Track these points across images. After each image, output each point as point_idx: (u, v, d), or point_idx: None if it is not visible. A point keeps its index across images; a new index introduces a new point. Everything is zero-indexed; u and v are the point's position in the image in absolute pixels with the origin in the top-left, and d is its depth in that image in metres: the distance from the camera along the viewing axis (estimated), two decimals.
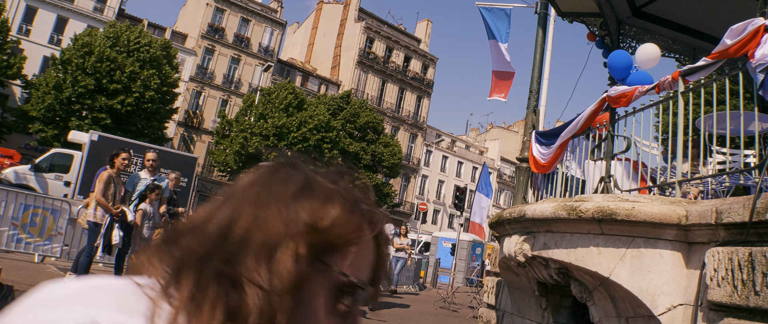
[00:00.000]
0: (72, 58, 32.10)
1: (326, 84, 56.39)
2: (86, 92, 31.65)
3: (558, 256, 5.02)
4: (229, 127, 40.39)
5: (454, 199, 25.18)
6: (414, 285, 21.10)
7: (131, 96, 32.65)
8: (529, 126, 7.89)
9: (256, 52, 50.97)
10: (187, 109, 46.99)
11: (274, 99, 39.15)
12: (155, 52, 34.60)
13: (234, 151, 38.18)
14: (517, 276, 6.51)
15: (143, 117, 34.14)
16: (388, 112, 57.49)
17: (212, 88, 48.39)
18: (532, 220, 5.40)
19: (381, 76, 58.12)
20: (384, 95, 58.34)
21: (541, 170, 7.04)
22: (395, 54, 59.71)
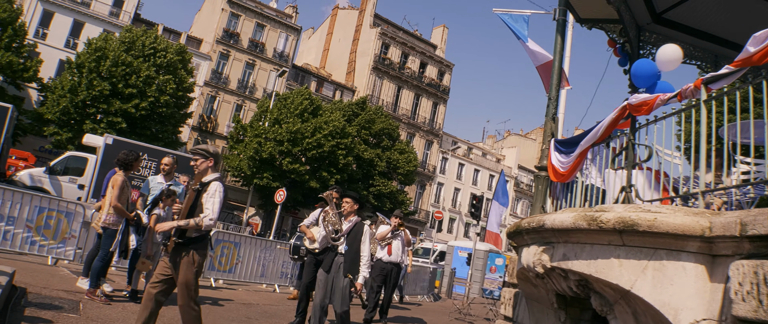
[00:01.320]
0: (85, 62, 32.43)
1: (341, 90, 56.54)
2: (101, 96, 31.96)
3: (578, 267, 4.98)
4: (244, 132, 40.58)
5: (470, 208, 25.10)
6: (428, 295, 21.04)
7: (146, 100, 32.93)
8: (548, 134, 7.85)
9: (271, 57, 51.22)
10: (202, 113, 47.29)
11: (289, 104, 39.31)
12: (170, 56, 34.90)
13: (248, 156, 38.35)
14: (535, 287, 6.46)
15: (158, 121, 34.42)
16: (403, 119, 57.50)
17: (227, 92, 48.68)
18: (551, 230, 5.36)
19: (396, 82, 58.17)
20: (399, 101, 58.38)
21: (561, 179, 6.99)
22: (411, 60, 59.76)
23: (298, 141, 37.86)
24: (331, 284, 7.08)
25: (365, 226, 7.31)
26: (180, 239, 5.66)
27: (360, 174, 43.77)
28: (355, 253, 7.10)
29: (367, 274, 7.03)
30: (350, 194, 7.51)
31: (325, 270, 7.17)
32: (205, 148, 5.96)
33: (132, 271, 8.74)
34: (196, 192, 5.79)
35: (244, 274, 13.52)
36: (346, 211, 7.40)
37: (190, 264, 5.61)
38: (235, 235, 13.91)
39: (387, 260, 10.96)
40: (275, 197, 27.05)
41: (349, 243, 7.18)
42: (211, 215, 5.60)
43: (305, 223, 9.38)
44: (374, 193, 43.96)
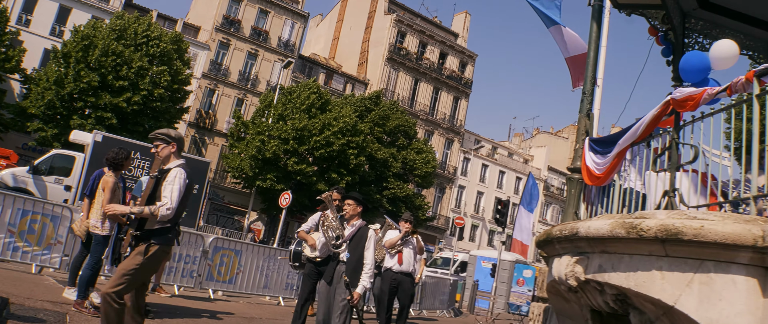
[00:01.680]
0: (72, 52, 32.62)
1: (352, 83, 56.64)
2: (90, 89, 32.18)
3: (615, 280, 4.96)
4: (245, 129, 40.75)
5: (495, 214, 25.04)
6: (448, 310, 21.03)
7: (138, 94, 33.13)
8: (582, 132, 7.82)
9: (276, 46, 51.41)
10: (199, 108, 47.56)
11: (295, 99, 39.43)
12: (165, 46, 35.11)
13: (250, 156, 38.49)
14: (567, 302, 6.44)
15: (151, 116, 34.61)
16: (421, 115, 57.51)
17: (227, 85, 48.92)
18: (586, 238, 5.34)
19: (413, 74, 58.18)
20: (417, 96, 58.37)
21: (596, 182, 6.96)
22: (429, 50, 59.76)
23: (305, 139, 37.97)
24: (332, 297, 6.94)
25: (370, 230, 7.19)
26: (138, 231, 5.65)
27: (373, 176, 43.82)
28: (358, 261, 6.96)
29: (368, 285, 6.90)
30: (353, 195, 7.38)
31: (327, 281, 7.05)
32: (166, 132, 5.99)
33: None
34: (156, 179, 5.81)
35: (246, 285, 13.58)
36: (348, 214, 7.26)
37: (138, 253, 5.59)
38: (235, 242, 13.96)
39: (397, 270, 10.74)
40: (279, 201, 27.15)
41: (352, 250, 7.04)
42: (168, 204, 5.58)
43: (304, 228, 9.35)
44: (388, 196, 43.99)
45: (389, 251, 10.87)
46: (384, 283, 10.78)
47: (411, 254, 10.88)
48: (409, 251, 10.87)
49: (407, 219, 11.02)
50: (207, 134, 47.87)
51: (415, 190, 49.01)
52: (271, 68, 50.95)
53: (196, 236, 12.94)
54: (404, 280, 10.74)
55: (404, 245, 10.89)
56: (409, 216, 11.14)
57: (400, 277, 10.71)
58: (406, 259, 10.77)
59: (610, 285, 5.07)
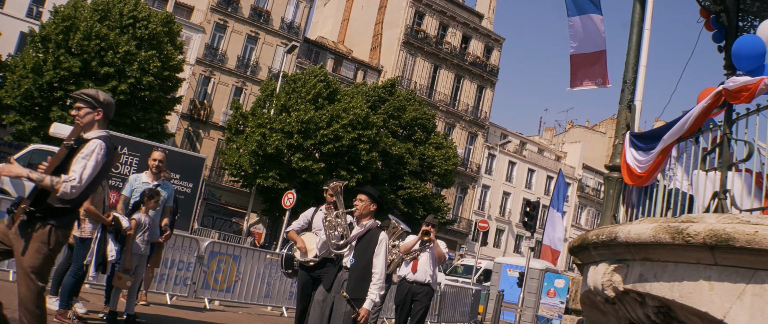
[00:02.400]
0: (51, 35, 32.77)
1: (364, 69, 56.68)
2: (71, 76, 32.32)
3: (658, 291, 4.97)
4: (244, 122, 40.84)
5: (523, 217, 25.01)
6: (470, 323, 21.05)
7: (125, 82, 33.27)
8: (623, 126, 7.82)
9: (278, 29, 51.51)
10: (193, 98, 47.74)
11: (300, 87, 39.48)
12: (154, 28, 35.23)
13: (249, 151, 38.58)
14: (603, 315, 6.46)
15: (140, 107, 34.75)
16: (441, 106, 57.49)
17: (224, 73, 49.08)
18: (626, 244, 5.36)
19: (433, 60, 58.16)
20: (436, 84, 58.35)
21: (637, 182, 6.96)
22: (451, 33, 59.70)
23: (311, 133, 38.02)
24: (331, 308, 6.51)
25: (382, 233, 6.71)
26: (33, 207, 5.15)
27: (387, 173, 43.85)
28: (364, 270, 6.49)
29: (377, 299, 6.44)
30: (367, 190, 6.93)
31: (326, 287, 6.69)
32: (95, 94, 5.60)
33: (110, 288, 8.89)
34: (69, 149, 5.34)
35: (245, 293, 13.66)
36: (358, 212, 6.78)
37: (42, 243, 5.12)
38: (233, 247, 14.06)
39: (411, 279, 10.52)
40: (282, 201, 27.23)
41: (358, 255, 6.59)
42: (75, 180, 5.13)
43: (294, 227, 9.01)
44: (404, 197, 44.01)
45: (405, 257, 10.69)
46: (397, 295, 10.74)
47: (428, 261, 10.59)
48: (426, 258, 10.60)
49: (429, 222, 10.72)
50: (202, 127, 48.05)
51: (433, 190, 48.98)
52: (273, 53, 51.06)
53: (191, 240, 13.04)
54: (418, 291, 10.48)
55: (422, 251, 10.63)
56: (431, 219, 10.87)
57: (415, 288, 10.48)
58: (422, 267, 10.52)
59: (652, 296, 5.08)
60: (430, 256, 10.63)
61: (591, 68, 10.44)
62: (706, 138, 6.59)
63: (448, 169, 46.12)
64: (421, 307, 10.51)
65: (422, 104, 47.85)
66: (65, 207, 5.20)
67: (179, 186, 20.06)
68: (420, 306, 10.51)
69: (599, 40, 10.30)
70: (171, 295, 12.28)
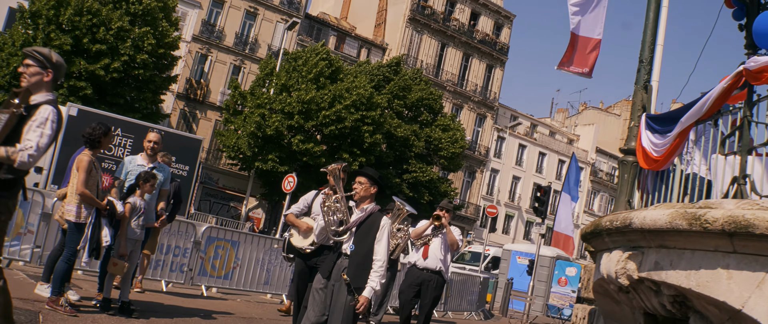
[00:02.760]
0: (42, 11, 32.73)
1: (368, 47, 56.57)
2: (62, 54, 32.25)
3: (674, 279, 4.99)
4: (243, 102, 40.83)
5: (534, 202, 25.02)
6: (477, 312, 21.11)
7: (118, 60, 33.24)
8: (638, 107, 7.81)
9: (278, 4, 51.39)
10: (189, 77, 47.73)
11: (301, 66, 39.41)
12: (149, 3, 35.15)
13: (248, 133, 38.59)
14: (616, 304, 6.48)
15: (133, 87, 34.75)
16: (448, 86, 57.40)
17: (221, 50, 49.04)
18: (641, 230, 5.37)
19: (440, 37, 58.02)
20: (443, 63, 58.26)
21: (653, 166, 6.97)
22: (459, 9, 59.51)
23: (313, 113, 38.00)
24: (331, 298, 6.41)
25: (384, 218, 6.59)
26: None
27: (391, 156, 43.85)
28: (365, 256, 6.39)
29: (378, 286, 6.35)
30: (366, 171, 6.76)
31: (324, 275, 6.56)
32: (46, 53, 5.50)
33: (104, 274, 8.94)
34: (19, 116, 5.20)
35: (244, 281, 13.71)
36: (358, 196, 6.65)
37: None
38: (231, 232, 14.09)
39: (422, 265, 10.24)
40: (283, 185, 27.26)
41: (359, 241, 6.47)
42: (33, 149, 5.09)
43: (293, 211, 8.86)
44: (409, 181, 44.03)
45: (415, 243, 10.49)
46: (405, 281, 10.46)
47: (439, 247, 10.32)
48: (438, 243, 10.34)
49: (443, 206, 10.45)
50: (198, 107, 48.07)
51: (440, 174, 49.04)
52: (273, 30, 50.97)
53: (187, 225, 13.07)
54: (428, 279, 10.21)
55: (433, 236, 10.37)
56: (446, 203, 10.61)
57: (425, 275, 10.21)
58: (433, 253, 10.25)
59: (668, 284, 5.10)
60: (442, 242, 10.36)
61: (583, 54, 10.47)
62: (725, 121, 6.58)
63: (456, 152, 46.10)
64: (430, 297, 10.27)
65: (429, 84, 47.76)
66: (11, 177, 5.11)
67: (175, 169, 20.06)
68: (430, 296, 10.25)
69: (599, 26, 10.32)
70: (167, 281, 12.33)
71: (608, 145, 70.93)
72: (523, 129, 65.47)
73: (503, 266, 29.48)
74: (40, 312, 7.67)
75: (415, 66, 53.76)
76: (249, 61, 49.73)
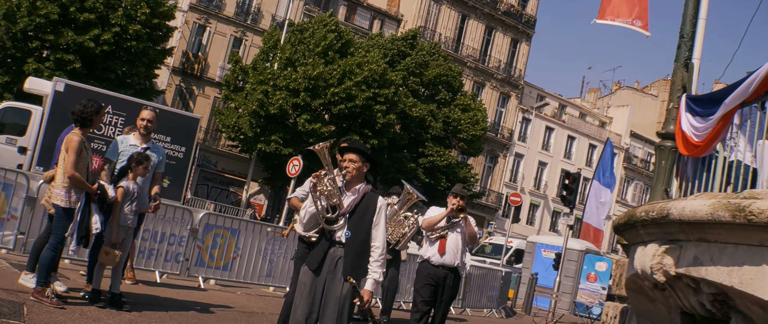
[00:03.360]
0: None
1: (381, 19, 56.44)
2: (48, 24, 32.33)
3: (715, 276, 4.98)
4: (244, 77, 40.82)
5: (562, 190, 24.98)
6: (499, 309, 21.15)
7: (109, 31, 33.24)
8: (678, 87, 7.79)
9: None
10: (186, 50, 47.77)
11: (308, 39, 39.36)
12: None
13: (250, 111, 38.58)
14: (651, 302, 6.48)
15: (125, 60, 34.76)
16: (469, 62, 57.26)
17: (221, 21, 49.02)
18: (679, 222, 5.36)
19: (460, 8, 57.82)
20: (464, 37, 58.08)
21: (694, 152, 6.95)
22: None
23: (320, 91, 37.97)
24: (322, 292, 6.21)
25: (380, 199, 6.41)
26: None
27: (406, 138, 43.82)
28: (363, 243, 6.24)
29: (381, 277, 6.21)
30: (356, 147, 6.59)
31: (312, 268, 6.32)
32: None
33: (93, 264, 8.96)
34: None
35: (244, 272, 13.74)
36: (350, 176, 6.42)
37: None
38: (231, 220, 14.12)
39: (438, 262, 9.68)
40: (287, 169, 27.32)
41: (354, 226, 6.29)
42: None
43: (298, 195, 8.77)
44: (425, 165, 44.02)
45: (428, 235, 9.93)
46: (419, 280, 9.90)
47: (458, 241, 9.81)
48: (455, 237, 9.81)
49: (458, 193, 9.86)
50: (195, 83, 48.11)
51: (459, 158, 48.98)
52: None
53: (183, 211, 13.09)
54: (445, 277, 9.72)
55: (450, 228, 9.81)
56: (460, 189, 10.04)
57: (441, 273, 9.69)
58: (451, 249, 9.70)
59: (708, 282, 5.09)
60: (460, 234, 9.87)
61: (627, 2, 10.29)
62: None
63: (476, 135, 46.01)
64: (448, 297, 9.84)
65: (447, 60, 47.61)
66: None
67: (170, 150, 20.13)
68: (447, 295, 9.80)
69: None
70: (161, 272, 12.37)
71: (644, 129, 70.66)
72: (550, 110, 65.29)
73: (527, 260, 29.50)
74: (24, 304, 7.71)
75: (433, 40, 53.61)
76: (251, 33, 49.70)
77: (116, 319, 8.20)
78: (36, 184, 11.23)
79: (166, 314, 9.08)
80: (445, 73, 45.61)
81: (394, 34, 49.91)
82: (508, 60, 60.31)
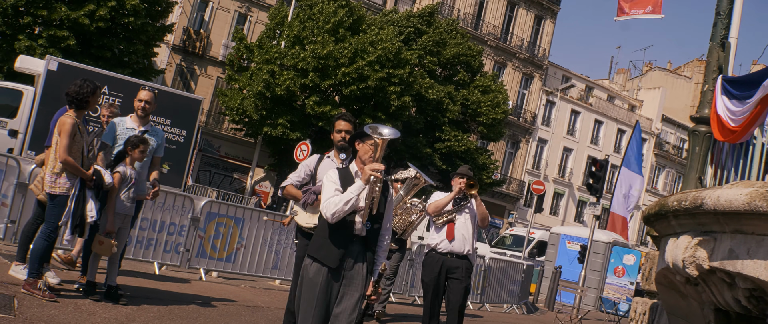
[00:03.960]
0: None
1: None
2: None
3: (751, 270, 4.97)
4: (249, 56, 40.82)
5: (588, 178, 24.98)
6: (520, 304, 21.17)
7: (105, 6, 33.22)
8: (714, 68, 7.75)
9: None
10: (187, 26, 47.78)
11: (317, 15, 39.30)
12: None
13: (255, 93, 38.56)
14: (683, 298, 6.47)
15: (123, 37, 34.80)
16: (489, 40, 57.13)
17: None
18: (713, 212, 5.34)
19: None
20: (484, 14, 57.94)
21: (730, 137, 6.92)
22: None
23: (330, 71, 37.93)
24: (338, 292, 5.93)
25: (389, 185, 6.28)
26: None
27: (422, 122, 43.79)
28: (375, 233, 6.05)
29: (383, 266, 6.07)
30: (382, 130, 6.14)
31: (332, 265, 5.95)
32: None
33: (88, 254, 8.97)
34: None
35: (249, 264, 13.76)
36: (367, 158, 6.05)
37: None
38: (235, 208, 14.15)
39: (446, 249, 9.36)
40: (294, 154, 27.30)
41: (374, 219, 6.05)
42: None
43: (292, 181, 8.44)
44: (442, 151, 44.00)
45: (435, 221, 9.60)
46: (426, 270, 9.59)
47: (468, 225, 9.47)
48: (465, 220, 9.47)
49: (463, 174, 9.49)
50: (197, 62, 48.15)
51: (478, 144, 48.96)
52: None
53: (183, 199, 13.11)
54: (456, 266, 9.36)
55: (458, 211, 9.48)
56: (466, 170, 9.69)
57: (450, 262, 9.35)
58: (460, 234, 9.37)
59: (744, 276, 5.08)
60: (469, 217, 9.52)
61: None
62: None
63: (497, 119, 45.92)
64: (461, 287, 9.37)
65: (466, 38, 47.50)
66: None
67: (170, 134, 20.18)
68: (460, 286, 9.37)
69: None
70: (160, 263, 12.41)
71: (676, 113, 70.41)
72: (576, 92, 65.11)
73: (550, 252, 29.51)
74: (15, 296, 7.75)
75: (451, 16, 53.45)
76: (256, 9, 49.67)
77: (112, 313, 8.24)
78: (28, 169, 11.26)
79: (165, 308, 9.11)
80: (463, 53, 45.50)
81: (409, 10, 49.75)
82: (531, 38, 60.13)
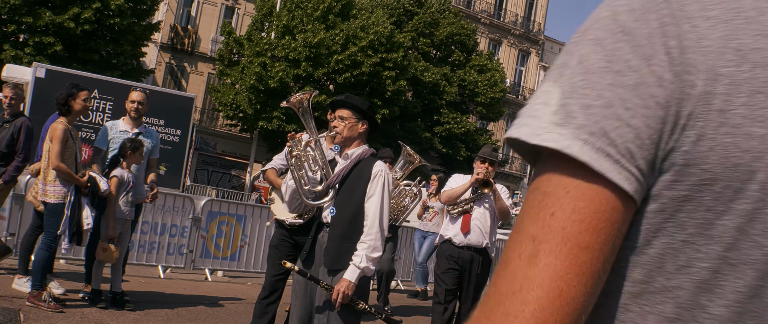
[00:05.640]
0: None
1: None
2: (24, 5, 32.32)
3: None
4: (239, 50, 40.71)
5: None
6: None
7: (90, 8, 33.13)
8: None
9: None
10: (174, 23, 47.66)
11: (305, 2, 39.19)
12: None
13: (247, 87, 38.46)
14: None
15: (109, 39, 34.69)
16: (483, 18, 56.99)
17: None
18: None
19: None
20: None
21: None
22: None
23: (323, 59, 37.85)
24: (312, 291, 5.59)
25: (378, 164, 5.59)
26: None
27: (419, 106, 43.72)
28: (351, 223, 5.43)
29: (366, 263, 5.28)
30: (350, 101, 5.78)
31: (302, 258, 5.70)
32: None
33: (90, 262, 8.98)
34: None
35: (254, 261, 13.77)
36: (341, 137, 5.62)
37: None
38: (236, 205, 14.16)
39: (462, 243, 8.75)
40: None
41: (342, 202, 5.54)
42: None
43: (274, 165, 8.13)
44: (441, 134, 43.94)
45: (449, 210, 9.05)
46: (439, 264, 9.07)
47: (486, 217, 8.86)
48: (482, 212, 8.86)
49: (486, 157, 8.78)
50: (187, 59, 48.05)
51: (478, 125, 48.91)
52: None
53: (183, 199, 13.13)
54: (470, 260, 8.80)
55: (476, 201, 8.87)
56: (489, 151, 8.95)
57: (467, 256, 8.78)
58: (477, 226, 8.77)
59: None
60: (488, 209, 8.91)
61: None
62: None
63: (496, 98, 45.84)
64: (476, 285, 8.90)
65: (459, 17, 47.38)
66: None
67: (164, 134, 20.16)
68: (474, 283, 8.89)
69: None
70: (164, 266, 12.44)
71: None
72: None
73: None
74: (20, 310, 7.77)
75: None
76: (244, 1, 49.56)
77: (120, 319, 8.27)
78: (23, 179, 11.25)
79: (172, 311, 9.14)
80: (457, 32, 45.39)
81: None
82: (525, 13, 59.98)
